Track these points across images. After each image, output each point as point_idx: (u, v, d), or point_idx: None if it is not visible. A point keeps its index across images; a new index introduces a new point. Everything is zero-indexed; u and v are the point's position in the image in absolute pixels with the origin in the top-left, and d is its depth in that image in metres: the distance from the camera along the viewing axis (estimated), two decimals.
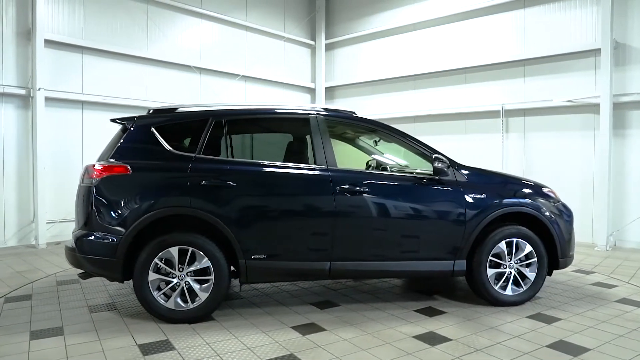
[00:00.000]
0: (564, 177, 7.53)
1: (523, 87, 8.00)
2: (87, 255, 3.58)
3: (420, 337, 3.35)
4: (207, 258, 3.61)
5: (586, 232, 7.31)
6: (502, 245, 4.03)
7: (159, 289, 3.60)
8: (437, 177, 3.96)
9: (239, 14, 9.75)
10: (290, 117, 4.10)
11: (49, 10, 6.90)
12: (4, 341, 3.23)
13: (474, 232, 3.94)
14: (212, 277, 3.61)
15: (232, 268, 3.73)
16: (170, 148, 3.76)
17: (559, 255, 4.15)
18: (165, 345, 3.18)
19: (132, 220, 3.53)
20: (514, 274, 4.08)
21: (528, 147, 8.00)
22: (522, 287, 4.09)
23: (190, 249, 3.59)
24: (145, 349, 3.12)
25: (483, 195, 4.00)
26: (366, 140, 4.86)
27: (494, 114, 8.29)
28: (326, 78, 11.35)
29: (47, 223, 6.74)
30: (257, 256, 3.68)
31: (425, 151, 4.06)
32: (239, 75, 9.63)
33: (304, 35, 11.17)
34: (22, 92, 6.63)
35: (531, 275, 4.09)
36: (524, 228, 4.07)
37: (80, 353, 3.05)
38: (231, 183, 3.66)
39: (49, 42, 6.84)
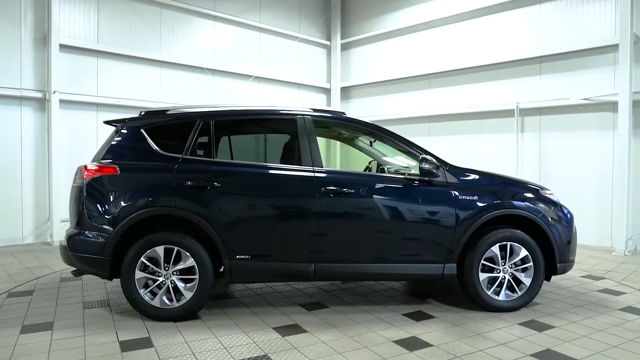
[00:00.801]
0: (580, 178, 7.24)
1: (539, 85, 7.73)
2: (77, 253, 3.69)
3: (401, 342, 3.28)
4: (192, 258, 3.65)
5: (604, 236, 7.01)
6: (496, 248, 3.90)
7: (145, 287, 3.67)
8: (426, 178, 3.87)
9: (253, 15, 9.84)
10: (276, 118, 4.10)
11: (64, 17, 7.16)
12: None
13: (464, 235, 3.83)
14: (197, 276, 3.66)
15: (222, 269, 3.76)
16: (159, 149, 3.82)
17: (557, 260, 3.98)
18: (145, 343, 3.24)
19: (119, 219, 3.61)
20: (508, 279, 3.95)
21: (544, 147, 7.73)
22: (517, 292, 3.95)
23: (176, 248, 3.65)
24: (125, 346, 3.18)
25: (474, 197, 3.88)
26: (363, 141, 4.80)
27: (508, 113, 8.05)
28: (341, 78, 11.31)
29: (61, 221, 6.99)
30: (241, 256, 3.70)
31: (414, 151, 3.98)
32: (252, 76, 9.71)
33: (319, 35, 11.17)
34: (39, 95, 6.91)
35: (527, 280, 3.94)
36: (519, 231, 3.93)
37: (62, 347, 3.15)
38: (215, 184, 3.69)
39: (64, 47, 7.10)
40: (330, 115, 4.13)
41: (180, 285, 3.67)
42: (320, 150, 3.91)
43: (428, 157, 3.82)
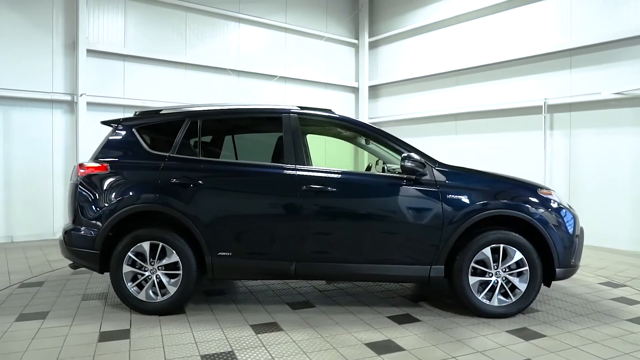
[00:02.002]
0: (614, 178, 6.74)
1: (569, 80, 7.26)
2: (72, 247, 3.88)
3: (373, 345, 3.19)
4: (176, 253, 3.74)
5: (638, 240, 6.47)
6: (487, 251, 3.70)
7: (133, 280, 3.80)
8: (413, 177, 3.74)
9: (278, 16, 9.93)
10: (262, 116, 4.11)
11: (92, 23, 7.57)
12: None
13: (452, 236, 3.66)
14: (180, 272, 3.74)
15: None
16: (148, 148, 3.95)
17: (556, 265, 3.71)
18: (122, 334, 3.35)
19: (108, 215, 3.76)
20: (502, 283, 3.73)
21: (574, 145, 7.25)
22: (511, 298, 3.73)
23: (161, 244, 3.75)
24: (103, 336, 3.31)
25: (464, 197, 3.70)
26: (357, 140, 4.72)
27: (536, 109, 7.62)
28: (370, 77, 11.18)
29: None
30: (223, 253, 3.74)
31: (401, 149, 3.85)
32: (276, 76, 9.81)
33: (347, 34, 11.10)
34: (68, 98, 7.35)
35: (522, 285, 3.71)
36: (513, 233, 3.70)
37: (46, 335, 3.32)
38: (198, 181, 3.75)
39: (92, 52, 7.51)
40: (316, 113, 4.08)
41: (165, 280, 3.77)
42: (304, 148, 3.89)
43: (413, 155, 3.68)
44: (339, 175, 3.83)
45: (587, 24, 6.99)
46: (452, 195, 3.69)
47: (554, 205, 3.80)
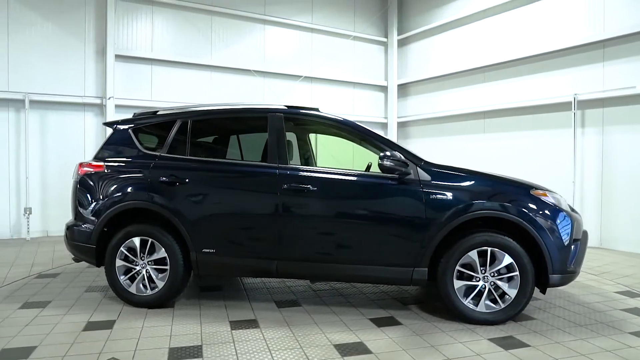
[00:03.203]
0: None
1: (601, 74, 6.77)
2: (73, 241, 4.12)
3: (341, 347, 3.14)
4: (164, 249, 3.88)
5: None
6: (473, 254, 3.53)
7: (126, 274, 3.97)
8: (396, 176, 3.64)
9: (304, 17, 9.99)
10: (249, 116, 4.15)
11: (120, 29, 7.98)
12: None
13: (435, 238, 3.53)
14: (168, 267, 3.87)
15: None
16: (142, 148, 4.12)
17: (550, 270, 3.48)
18: (107, 325, 3.52)
19: (102, 211, 3.96)
20: (489, 289, 3.55)
21: (607, 144, 6.75)
22: (500, 304, 3.54)
23: (150, 240, 3.90)
24: (89, 326, 3.49)
25: (448, 197, 3.55)
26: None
27: (565, 106, 7.17)
28: (399, 75, 10.99)
29: None
30: (207, 250, 3.83)
31: (384, 147, 3.75)
32: (301, 76, 9.87)
33: (375, 32, 10.97)
34: (98, 101, 7.79)
35: (511, 291, 3.51)
36: (501, 236, 3.51)
37: (39, 323, 3.55)
38: (184, 180, 3.87)
39: (120, 57, 7.92)
40: (301, 112, 4.08)
41: (154, 274, 3.91)
42: (287, 147, 3.90)
43: (393, 153, 3.58)
44: (321, 175, 3.80)
45: (621, 13, 6.49)
46: (436, 196, 3.56)
47: (548, 207, 3.56)
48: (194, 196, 3.86)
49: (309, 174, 3.78)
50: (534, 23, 7.72)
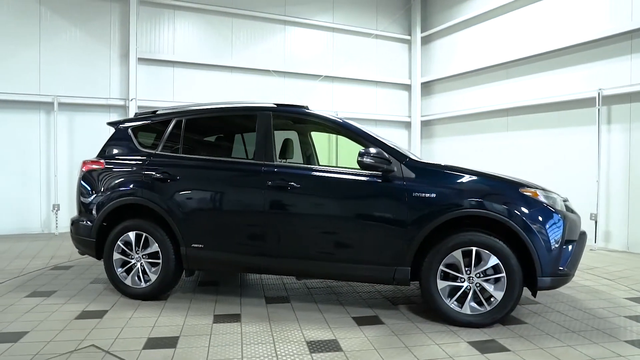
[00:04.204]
0: None
1: (629, 67, 6.37)
2: (77, 235, 4.35)
3: (313, 343, 3.14)
4: (157, 243, 4.01)
5: None
6: (457, 254, 3.43)
7: (123, 267, 4.14)
8: (379, 173, 3.59)
9: (324, 16, 10.02)
10: (239, 114, 4.22)
11: (143, 33, 8.32)
12: (6, 296, 4.17)
13: (417, 237, 3.45)
14: (160, 260, 4.00)
15: None
16: (139, 146, 4.29)
17: (539, 273, 3.32)
18: (99, 314, 3.69)
19: (101, 207, 4.16)
20: (474, 290, 3.43)
21: (635, 141, 6.35)
22: (486, 306, 3.41)
23: (144, 234, 4.05)
24: (83, 315, 3.67)
25: (432, 195, 3.46)
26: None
27: (589, 102, 6.80)
28: (423, 73, 10.80)
29: None
30: (196, 245, 3.93)
31: (368, 144, 3.70)
32: (321, 76, 9.90)
33: (398, 30, 10.84)
34: (122, 102, 8.15)
35: (497, 293, 3.38)
36: (486, 236, 3.39)
37: (39, 310, 3.77)
38: (175, 177, 3.99)
39: (143, 60, 8.25)
40: (289, 109, 4.10)
41: (148, 268, 4.06)
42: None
43: (374, 150, 3.53)
44: (305, 172, 3.81)
45: None
46: (419, 193, 3.48)
47: (538, 206, 3.40)
48: (184, 193, 3.97)
49: (293, 171, 3.80)
50: (556, 16, 7.38)
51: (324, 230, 3.67)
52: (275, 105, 4.09)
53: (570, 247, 3.52)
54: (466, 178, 3.55)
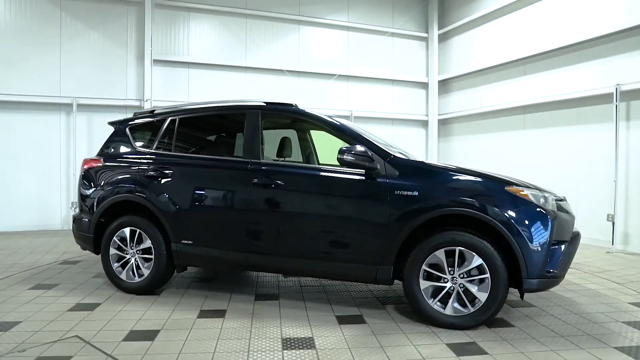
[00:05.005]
0: None
1: None
2: (77, 231, 4.52)
3: (288, 340, 3.14)
4: (149, 239, 4.12)
5: None
6: (440, 254, 3.35)
7: (118, 261, 4.27)
8: (362, 171, 3.55)
9: (339, 15, 10.00)
10: (229, 112, 4.26)
11: (159, 36, 8.54)
12: (11, 288, 4.38)
13: (399, 236, 3.40)
14: (153, 256, 4.10)
15: None
16: (135, 144, 4.41)
17: (524, 274, 3.20)
18: (90, 307, 3.82)
19: (98, 203, 4.30)
20: (458, 291, 3.34)
21: None
22: (469, 308, 3.32)
23: (138, 230, 4.16)
24: (76, 307, 3.81)
25: (414, 193, 3.40)
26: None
27: (607, 98, 6.49)
28: (440, 70, 10.61)
29: None
30: (185, 241, 4.00)
31: (353, 141, 3.66)
32: (335, 75, 9.88)
33: (415, 28, 10.69)
34: (138, 103, 8.39)
35: (481, 295, 3.28)
36: (469, 235, 3.29)
37: (37, 302, 3.93)
38: (166, 175, 4.08)
39: (158, 62, 8.47)
40: (277, 107, 4.11)
41: (141, 263, 4.16)
42: (261, 142, 3.95)
43: (356, 147, 3.49)
44: (290, 170, 3.82)
45: None
46: (401, 191, 3.42)
47: (525, 205, 3.28)
48: (174, 190, 4.06)
49: (278, 169, 3.82)
50: (574, 9, 7.09)
51: (306, 228, 3.67)
52: (264, 104, 4.11)
53: (560, 247, 3.37)
54: (450, 176, 3.48)
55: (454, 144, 10.44)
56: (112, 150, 4.51)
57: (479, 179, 3.43)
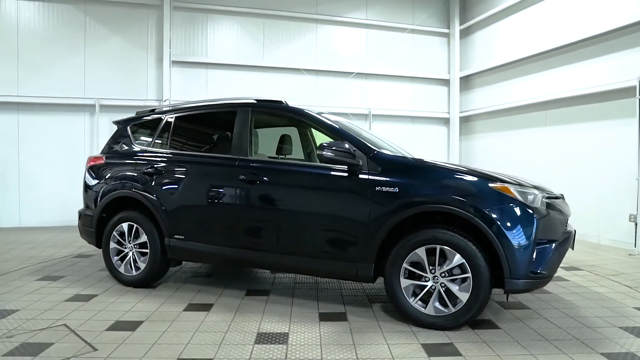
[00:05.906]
0: None
1: None
2: (82, 226, 4.73)
3: (263, 335, 3.16)
4: (145, 234, 4.25)
5: None
6: (421, 252, 3.27)
7: (117, 255, 4.43)
8: (345, 167, 3.52)
9: (358, 13, 9.95)
10: (222, 110, 4.32)
11: (178, 38, 8.78)
12: (21, 279, 4.62)
13: (379, 233, 3.34)
14: (148, 250, 4.23)
15: None
16: (134, 142, 4.56)
17: (507, 274, 3.07)
18: (86, 298, 3.98)
19: (100, 199, 4.48)
20: (439, 290, 3.25)
21: None
22: (451, 308, 3.23)
23: (135, 225, 4.30)
24: (73, 298, 3.98)
25: (394, 189, 3.33)
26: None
27: (630, 92, 6.13)
28: (462, 67, 10.36)
29: None
30: (178, 236, 4.10)
31: (337, 137, 3.64)
32: (352, 73, 9.83)
33: (436, 23, 10.49)
34: (157, 103, 8.65)
35: (462, 295, 3.18)
36: (450, 233, 3.20)
37: (40, 292, 4.13)
38: (161, 172, 4.20)
39: (177, 63, 8.72)
40: (266, 105, 4.14)
41: (138, 257, 4.30)
42: (250, 139, 3.99)
43: (337, 144, 3.46)
44: (276, 166, 3.84)
45: None
46: (381, 188, 3.37)
47: (509, 203, 3.14)
48: (167, 186, 4.17)
49: (264, 165, 3.84)
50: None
51: (290, 224, 3.68)
52: (255, 101, 4.15)
53: (549, 247, 3.22)
54: (433, 172, 3.39)
55: (476, 142, 10.15)
56: (114, 148, 4.69)
57: (462, 176, 3.32)
